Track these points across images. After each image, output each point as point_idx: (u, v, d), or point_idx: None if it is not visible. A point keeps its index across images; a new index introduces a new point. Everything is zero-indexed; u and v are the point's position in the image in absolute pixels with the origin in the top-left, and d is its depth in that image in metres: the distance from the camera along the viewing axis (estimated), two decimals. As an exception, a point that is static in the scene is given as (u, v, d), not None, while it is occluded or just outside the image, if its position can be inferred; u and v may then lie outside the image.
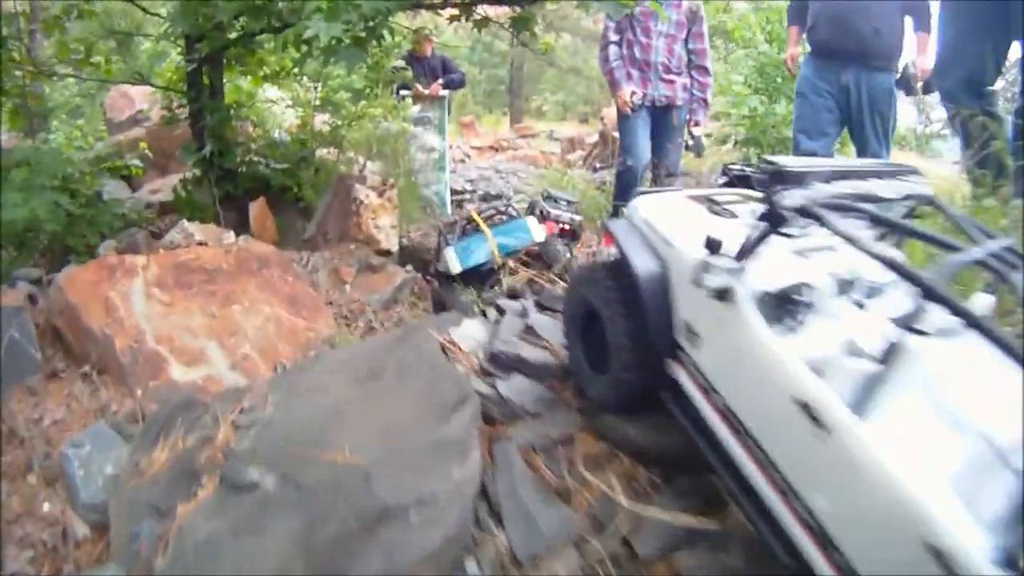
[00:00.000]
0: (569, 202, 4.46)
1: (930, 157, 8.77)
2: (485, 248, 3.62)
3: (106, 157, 6.40)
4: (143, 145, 6.86)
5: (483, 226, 3.74)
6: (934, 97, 4.22)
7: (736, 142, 6.47)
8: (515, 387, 2.41)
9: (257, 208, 4.61)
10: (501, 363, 2.52)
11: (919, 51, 4.05)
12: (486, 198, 7.06)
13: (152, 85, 6.10)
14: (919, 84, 4.01)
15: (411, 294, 4.29)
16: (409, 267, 4.47)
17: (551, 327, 2.70)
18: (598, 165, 7.61)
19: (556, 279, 3.45)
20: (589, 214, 5.19)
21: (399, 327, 3.69)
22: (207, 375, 2.81)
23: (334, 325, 3.45)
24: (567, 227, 4.40)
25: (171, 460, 2.13)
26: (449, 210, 6.31)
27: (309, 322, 3.31)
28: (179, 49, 5.28)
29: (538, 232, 3.75)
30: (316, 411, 2.19)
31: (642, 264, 1.94)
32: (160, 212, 5.95)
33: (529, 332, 2.71)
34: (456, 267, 3.54)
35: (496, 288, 3.51)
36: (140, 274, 3.12)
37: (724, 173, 3.97)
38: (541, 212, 4.34)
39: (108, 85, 8.81)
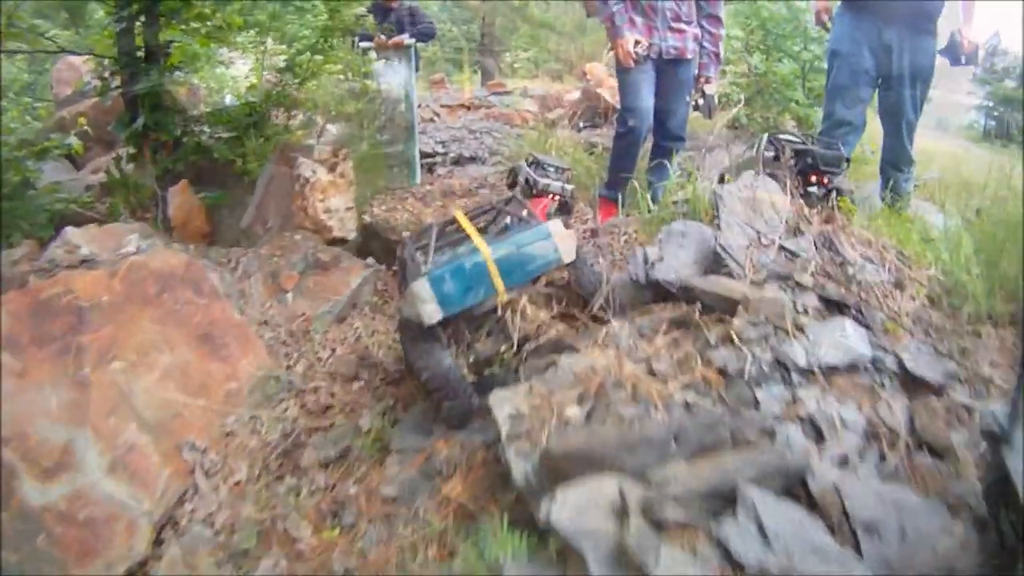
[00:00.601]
0: (559, 168, 3.18)
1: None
2: (479, 274, 1.92)
3: (34, 139, 5.06)
4: (81, 121, 5.51)
5: (476, 237, 2.07)
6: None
7: (739, 102, 5.46)
8: None
9: (178, 195, 3.38)
10: None
11: (965, 19, 3.27)
12: (459, 161, 5.79)
13: (69, 52, 4.78)
14: (964, 56, 3.25)
15: (373, 293, 3.16)
16: (370, 259, 3.32)
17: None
18: (582, 124, 6.34)
19: (597, 321, 1.93)
20: (580, 181, 4.05)
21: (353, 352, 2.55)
22: (74, 491, 1.70)
23: (267, 361, 2.33)
24: (559, 198, 3.17)
25: None
26: (418, 178, 5.04)
27: (230, 365, 2.18)
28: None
29: (567, 246, 2.02)
30: None
31: None
32: (101, 194, 4.81)
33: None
34: (434, 314, 1.87)
35: (501, 346, 1.92)
36: (-21, 331, 1.93)
37: (770, 142, 2.87)
38: (527, 181, 3.07)
39: (60, 57, 7.44)
